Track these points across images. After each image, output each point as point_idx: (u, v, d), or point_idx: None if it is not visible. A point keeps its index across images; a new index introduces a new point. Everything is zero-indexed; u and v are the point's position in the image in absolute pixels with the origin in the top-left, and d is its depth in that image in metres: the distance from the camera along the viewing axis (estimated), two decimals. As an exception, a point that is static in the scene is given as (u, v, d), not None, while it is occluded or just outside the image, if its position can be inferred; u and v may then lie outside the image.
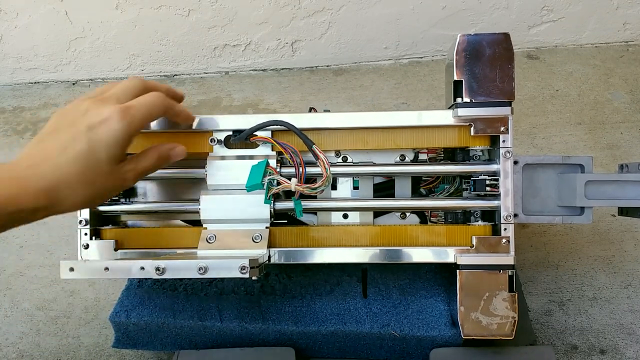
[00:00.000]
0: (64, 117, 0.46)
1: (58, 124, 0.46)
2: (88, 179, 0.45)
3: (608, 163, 0.88)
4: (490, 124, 0.55)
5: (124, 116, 0.46)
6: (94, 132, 0.44)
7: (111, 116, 0.45)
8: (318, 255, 0.57)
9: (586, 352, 0.68)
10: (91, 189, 0.45)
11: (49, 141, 0.45)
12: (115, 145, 0.45)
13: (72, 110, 0.47)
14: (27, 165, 0.43)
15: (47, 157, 0.44)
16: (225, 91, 1.09)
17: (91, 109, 0.46)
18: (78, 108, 0.46)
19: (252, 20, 1.04)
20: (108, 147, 0.45)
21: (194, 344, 0.63)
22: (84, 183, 0.45)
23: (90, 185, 0.45)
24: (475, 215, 0.58)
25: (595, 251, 0.78)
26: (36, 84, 1.15)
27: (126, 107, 0.46)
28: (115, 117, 0.45)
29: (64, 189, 0.44)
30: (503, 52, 0.55)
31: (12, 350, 0.73)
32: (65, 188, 0.44)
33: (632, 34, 1.06)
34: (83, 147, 0.44)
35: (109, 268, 0.48)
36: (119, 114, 0.45)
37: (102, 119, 0.45)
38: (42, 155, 0.44)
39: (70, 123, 0.45)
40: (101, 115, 0.45)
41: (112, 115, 0.45)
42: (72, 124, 0.45)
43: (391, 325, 0.59)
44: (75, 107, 0.47)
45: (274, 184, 0.55)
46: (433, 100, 1.01)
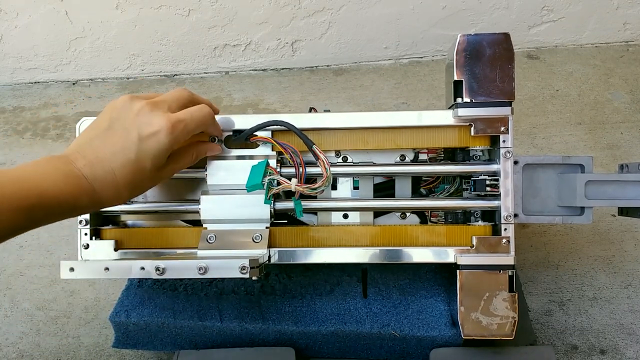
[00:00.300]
0: (116, 115, 0.48)
1: (111, 122, 0.48)
2: (134, 184, 0.48)
3: (608, 163, 0.88)
4: (490, 124, 0.55)
5: (172, 131, 0.48)
6: (143, 143, 0.47)
7: (161, 130, 0.47)
8: (318, 256, 0.57)
9: (586, 352, 0.68)
10: (134, 191, 0.49)
11: (101, 141, 0.47)
12: (161, 157, 0.49)
13: (124, 108, 0.48)
14: (84, 165, 0.46)
15: (101, 159, 0.46)
16: (226, 91, 1.09)
17: (143, 113, 0.48)
18: (131, 107, 0.48)
19: (252, 20, 1.04)
20: (155, 159, 0.48)
21: (194, 344, 0.63)
22: (129, 187, 0.48)
23: (134, 188, 0.49)
24: (475, 215, 0.58)
25: (595, 251, 0.78)
26: (36, 84, 1.15)
27: (176, 121, 0.49)
28: (164, 131, 0.47)
29: (113, 191, 0.47)
30: (503, 52, 0.55)
31: (12, 350, 0.73)
32: (113, 190, 0.47)
33: (632, 34, 1.06)
34: (132, 156, 0.47)
35: (109, 268, 0.48)
36: (169, 128, 0.48)
37: (152, 131, 0.47)
38: (96, 156, 0.46)
39: (123, 126, 0.48)
40: (152, 126, 0.47)
41: (162, 128, 0.47)
42: (124, 128, 0.47)
43: (391, 325, 0.59)
44: (128, 106, 0.49)
45: (274, 184, 0.55)
46: (433, 100, 1.01)
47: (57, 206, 0.44)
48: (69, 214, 0.46)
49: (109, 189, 0.47)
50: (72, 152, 0.47)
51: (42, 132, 1.05)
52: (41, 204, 0.42)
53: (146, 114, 0.48)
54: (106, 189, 0.46)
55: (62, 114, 1.08)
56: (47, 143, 1.03)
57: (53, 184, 0.43)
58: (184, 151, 0.54)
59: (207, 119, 0.53)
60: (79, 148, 0.47)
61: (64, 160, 0.46)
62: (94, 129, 0.49)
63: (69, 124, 1.06)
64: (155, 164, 0.49)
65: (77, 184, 0.45)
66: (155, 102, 0.49)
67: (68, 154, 0.47)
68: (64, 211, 0.45)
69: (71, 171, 0.45)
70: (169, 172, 0.52)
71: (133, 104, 0.49)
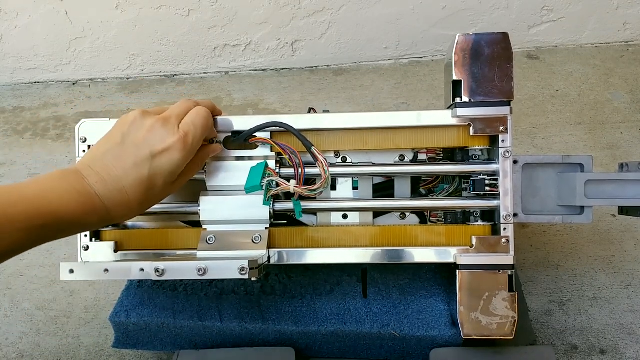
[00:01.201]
0: (127, 130, 0.48)
1: (123, 137, 0.48)
2: (145, 200, 0.48)
3: (608, 163, 0.88)
4: (489, 123, 0.55)
5: (184, 146, 0.48)
6: (156, 160, 0.47)
7: (174, 146, 0.48)
8: (318, 256, 0.57)
9: (586, 352, 0.68)
10: (145, 207, 0.49)
11: (113, 156, 0.47)
12: (173, 173, 0.49)
13: (135, 124, 0.48)
14: (96, 182, 0.46)
15: (113, 177, 0.46)
16: (226, 91, 1.09)
17: (154, 129, 0.48)
18: (143, 123, 0.48)
19: (252, 20, 1.04)
20: (167, 176, 0.48)
21: (194, 344, 0.63)
22: (141, 204, 0.48)
23: (145, 204, 0.49)
24: (474, 215, 0.58)
25: (595, 251, 0.78)
26: (36, 84, 1.15)
27: (185, 135, 0.49)
28: (177, 147, 0.48)
29: (124, 208, 0.47)
30: (502, 52, 0.55)
31: (12, 350, 0.73)
32: (125, 207, 0.47)
33: (632, 34, 1.06)
34: (144, 174, 0.47)
35: (108, 270, 0.48)
36: (181, 144, 0.48)
37: (164, 148, 0.47)
38: (108, 173, 0.46)
39: (135, 142, 0.47)
40: (164, 142, 0.47)
41: (175, 145, 0.48)
42: (136, 144, 0.47)
43: (391, 325, 0.59)
44: (140, 122, 0.48)
45: (273, 185, 0.55)
46: (433, 100, 1.01)
47: (69, 225, 0.44)
48: (78, 230, 0.46)
49: (121, 207, 0.47)
50: (85, 166, 0.47)
51: (42, 132, 1.05)
52: (53, 223, 0.42)
53: (158, 130, 0.48)
54: (117, 206, 0.46)
55: (62, 114, 1.08)
56: (47, 143, 1.03)
57: (66, 203, 0.43)
58: (191, 164, 0.53)
59: (209, 123, 0.53)
60: (92, 162, 0.47)
61: (76, 176, 0.45)
62: (106, 144, 0.48)
63: (69, 124, 1.06)
64: (167, 181, 0.49)
65: (89, 202, 0.45)
66: (165, 118, 0.49)
67: (80, 169, 0.46)
68: (74, 229, 0.45)
69: (84, 190, 0.45)
70: (179, 185, 0.52)
71: (145, 120, 0.49)
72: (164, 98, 1.09)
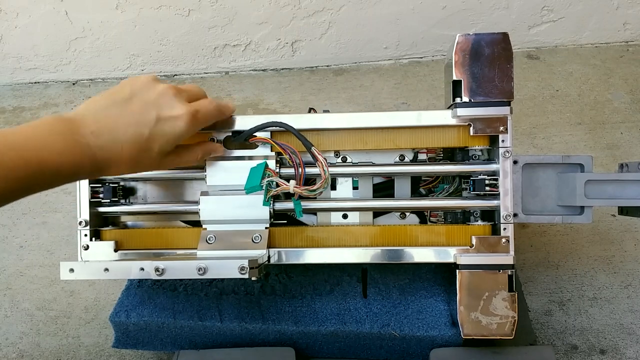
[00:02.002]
0: (138, 90, 0.48)
1: (132, 95, 0.47)
2: (136, 161, 0.47)
3: (608, 163, 0.88)
4: (489, 123, 0.55)
5: (190, 120, 0.48)
6: (160, 124, 0.47)
7: (181, 116, 0.48)
8: (318, 256, 0.57)
9: (586, 352, 0.68)
10: (134, 168, 0.48)
11: (117, 110, 0.46)
12: (171, 142, 0.48)
13: (147, 86, 0.48)
14: (91, 132, 0.44)
15: (111, 130, 0.45)
16: (226, 91, 1.09)
17: (167, 95, 0.48)
18: (154, 87, 0.48)
19: (252, 20, 1.04)
20: (164, 142, 0.48)
21: (194, 344, 0.63)
22: (131, 163, 0.47)
23: (135, 165, 0.48)
24: (474, 215, 0.58)
25: (595, 251, 0.78)
26: (36, 84, 1.15)
27: (195, 111, 0.49)
28: (184, 119, 0.48)
29: (114, 163, 0.46)
30: (502, 52, 0.55)
31: (12, 350, 0.73)
32: (115, 162, 0.46)
33: (632, 34, 1.06)
34: (145, 133, 0.46)
35: (108, 269, 0.48)
36: (189, 117, 0.48)
37: (172, 115, 0.47)
38: (107, 125, 0.45)
39: (144, 101, 0.47)
40: (173, 110, 0.47)
41: (183, 116, 0.48)
42: (145, 103, 0.47)
43: (391, 325, 0.59)
44: (152, 85, 0.48)
45: (273, 185, 0.55)
46: (433, 100, 1.01)
47: (56, 175, 0.43)
48: (65, 181, 0.45)
49: (112, 160, 0.46)
50: (82, 115, 0.45)
51: (42, 133, 1.05)
52: (40, 172, 0.41)
53: (170, 97, 0.48)
54: (108, 159, 0.45)
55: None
56: (47, 143, 1.03)
57: (55, 153, 0.42)
58: (189, 148, 0.54)
59: (216, 113, 0.53)
60: (91, 112, 0.46)
61: (70, 125, 0.44)
62: (112, 97, 0.47)
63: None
64: (163, 148, 0.48)
65: (79, 152, 0.44)
66: (178, 89, 0.50)
67: (76, 118, 0.45)
68: (61, 179, 0.44)
69: (75, 140, 0.43)
70: (170, 163, 0.51)
71: (157, 84, 0.49)
72: (164, 98, 1.09)
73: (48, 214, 0.89)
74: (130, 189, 0.63)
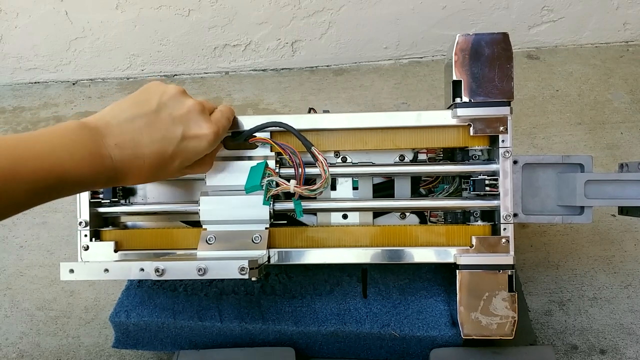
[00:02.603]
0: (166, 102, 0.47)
1: (159, 107, 0.47)
2: (155, 174, 0.47)
3: (608, 163, 0.88)
4: (489, 123, 0.55)
5: (215, 138, 0.49)
6: (185, 142, 0.47)
7: (207, 135, 0.48)
8: (318, 256, 0.57)
9: (586, 352, 0.68)
10: (151, 178, 0.48)
11: (145, 122, 0.46)
12: (193, 159, 0.49)
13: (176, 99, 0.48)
14: (115, 144, 0.44)
15: (135, 143, 0.45)
16: (226, 91, 1.09)
17: (193, 112, 0.48)
18: (183, 102, 0.48)
19: (252, 20, 1.04)
20: (186, 159, 0.48)
21: (194, 344, 0.63)
22: (150, 175, 0.47)
23: (153, 177, 0.48)
24: (474, 215, 0.58)
25: (595, 251, 0.78)
26: (36, 84, 1.15)
27: (217, 128, 0.49)
28: (209, 138, 0.48)
29: (134, 176, 0.46)
30: (502, 52, 0.55)
31: (12, 350, 0.73)
32: (134, 175, 0.46)
33: (632, 34, 1.06)
34: (169, 151, 0.46)
35: (108, 269, 0.48)
36: (213, 136, 0.48)
37: (198, 134, 0.47)
38: (133, 139, 0.45)
39: (172, 116, 0.47)
40: (200, 129, 0.48)
41: (209, 135, 0.48)
42: (173, 119, 0.47)
43: (391, 325, 0.59)
44: (180, 98, 0.48)
45: (273, 185, 0.55)
46: (433, 100, 1.01)
47: (76, 185, 0.42)
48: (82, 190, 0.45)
49: (132, 173, 0.45)
50: (106, 123, 0.44)
51: (42, 133, 1.05)
52: (61, 183, 0.41)
53: (197, 114, 0.48)
54: (129, 172, 0.45)
55: (62, 114, 1.08)
56: (47, 143, 1.03)
57: (76, 165, 0.41)
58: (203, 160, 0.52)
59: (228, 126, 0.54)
60: (116, 122, 0.45)
61: (95, 135, 0.43)
62: (138, 107, 0.46)
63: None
64: (183, 164, 0.48)
65: (101, 164, 0.43)
66: (202, 105, 0.49)
67: (100, 126, 0.44)
68: (79, 189, 0.44)
69: (98, 151, 0.43)
70: (182, 174, 0.52)
71: (186, 99, 0.48)
72: (164, 98, 1.09)
73: (48, 214, 0.89)
74: (130, 189, 0.63)
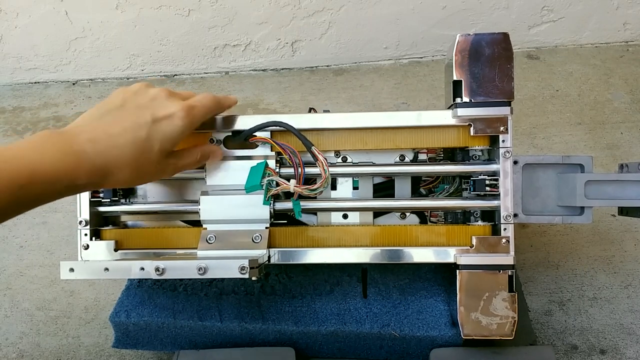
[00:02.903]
0: (130, 96, 0.48)
1: (125, 100, 0.48)
2: (137, 164, 0.47)
3: (608, 163, 0.88)
4: (489, 123, 0.55)
5: (187, 115, 0.48)
6: (157, 124, 0.47)
7: (176, 113, 0.47)
8: (318, 256, 0.57)
9: (586, 352, 0.68)
10: (136, 173, 0.47)
11: (112, 117, 0.46)
12: (171, 140, 0.48)
13: (139, 91, 0.49)
14: (88, 139, 0.44)
15: (108, 135, 0.45)
16: (226, 91, 1.09)
17: (159, 98, 0.48)
18: (146, 92, 0.49)
19: (252, 20, 1.04)
20: (164, 142, 0.47)
21: (194, 344, 0.63)
22: (132, 167, 0.46)
23: (136, 170, 0.47)
24: (475, 215, 0.58)
25: (595, 251, 0.78)
26: (36, 84, 1.15)
27: (190, 107, 0.49)
28: (179, 115, 0.48)
29: (115, 169, 0.45)
30: (502, 52, 0.55)
31: (12, 350, 0.73)
32: (115, 168, 0.45)
33: (632, 34, 1.06)
34: (142, 135, 0.46)
35: (108, 268, 0.48)
36: (184, 112, 0.48)
37: (167, 114, 0.47)
38: (104, 131, 0.45)
39: (138, 105, 0.47)
40: (167, 109, 0.47)
41: (178, 112, 0.48)
42: (139, 107, 0.47)
43: (391, 325, 0.59)
44: (143, 90, 0.49)
45: (273, 185, 0.55)
46: (433, 100, 1.01)
47: (51, 185, 0.41)
48: (66, 192, 0.43)
49: (111, 165, 0.45)
50: (75, 126, 0.45)
51: (42, 133, 1.05)
52: (32, 183, 0.40)
53: (162, 98, 0.48)
54: (108, 164, 0.44)
55: (62, 114, 1.08)
56: (47, 143, 1.03)
57: (48, 161, 0.41)
58: (189, 150, 0.53)
59: (214, 106, 0.53)
60: (86, 122, 0.46)
61: (64, 135, 0.43)
62: (104, 106, 0.48)
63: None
64: (163, 147, 0.48)
65: (75, 160, 0.42)
66: (170, 91, 0.50)
67: (69, 129, 0.45)
68: (59, 191, 0.42)
69: (70, 147, 0.42)
70: (172, 167, 0.51)
71: (148, 88, 0.49)
72: (164, 98, 1.09)
73: (48, 214, 0.89)
74: (130, 188, 0.63)
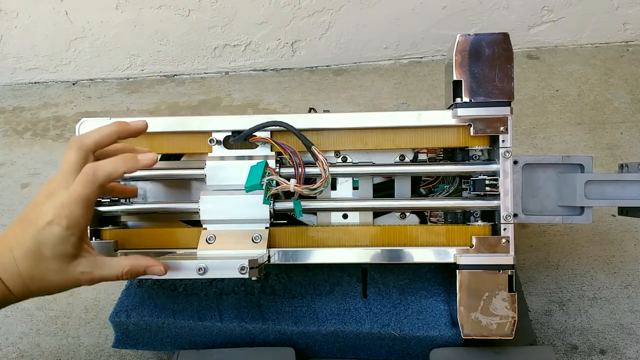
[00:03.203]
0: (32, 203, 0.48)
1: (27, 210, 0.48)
2: (39, 274, 0.47)
3: (608, 163, 0.88)
4: (489, 123, 0.55)
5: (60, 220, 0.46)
6: (39, 233, 0.46)
7: (52, 220, 0.46)
8: (318, 256, 0.57)
9: (586, 352, 0.68)
10: (42, 282, 0.47)
11: (14, 230, 0.47)
12: (61, 245, 0.46)
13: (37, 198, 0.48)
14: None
15: (9, 249, 0.46)
16: (225, 91, 1.09)
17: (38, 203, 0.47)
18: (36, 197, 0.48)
19: (252, 20, 1.04)
20: (52, 247, 0.46)
21: (194, 344, 0.63)
22: (35, 278, 0.47)
23: (41, 280, 0.47)
24: (475, 215, 0.58)
25: (595, 251, 0.78)
26: (36, 84, 1.15)
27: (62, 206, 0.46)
28: (55, 221, 0.46)
29: (18, 281, 0.46)
30: (502, 52, 0.55)
31: (12, 350, 0.73)
32: (18, 280, 0.46)
33: (632, 34, 1.06)
34: (30, 246, 0.46)
35: (108, 268, 0.48)
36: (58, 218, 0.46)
37: (45, 223, 0.46)
38: (6, 245, 0.47)
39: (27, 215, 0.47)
40: (44, 218, 0.46)
41: (54, 219, 0.46)
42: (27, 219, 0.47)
43: (391, 325, 0.59)
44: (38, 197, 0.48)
45: (273, 184, 0.55)
46: (433, 100, 1.01)
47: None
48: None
49: (13, 279, 0.46)
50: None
51: (42, 132, 1.05)
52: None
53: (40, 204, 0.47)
54: (10, 279, 0.46)
55: (62, 114, 1.08)
56: (47, 143, 1.03)
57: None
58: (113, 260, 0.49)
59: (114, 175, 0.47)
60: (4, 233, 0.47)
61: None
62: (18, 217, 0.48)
63: (69, 124, 1.06)
64: (56, 253, 0.46)
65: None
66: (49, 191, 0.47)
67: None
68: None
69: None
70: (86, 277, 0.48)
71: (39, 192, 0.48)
72: (163, 98, 1.09)
73: (48, 213, 0.89)
74: (130, 188, 0.63)
